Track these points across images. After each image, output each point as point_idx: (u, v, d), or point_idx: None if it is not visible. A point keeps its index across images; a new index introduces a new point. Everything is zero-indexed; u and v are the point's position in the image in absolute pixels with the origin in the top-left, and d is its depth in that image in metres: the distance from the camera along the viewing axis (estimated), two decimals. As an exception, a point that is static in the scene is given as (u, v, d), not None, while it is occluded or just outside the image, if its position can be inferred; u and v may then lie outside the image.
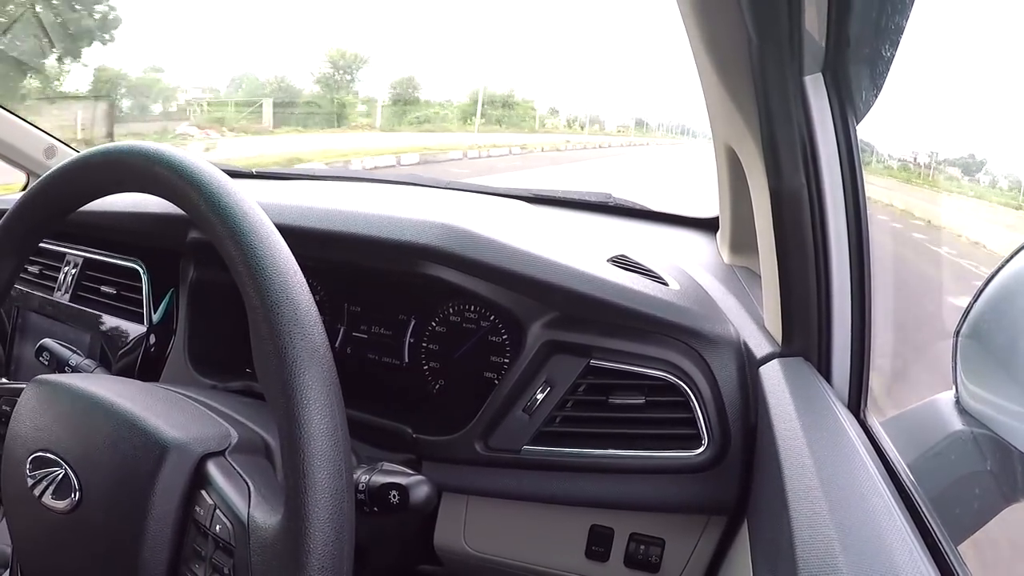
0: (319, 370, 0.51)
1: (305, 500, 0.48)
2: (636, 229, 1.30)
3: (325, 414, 0.50)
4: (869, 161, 0.80)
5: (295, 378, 0.50)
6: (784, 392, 0.67)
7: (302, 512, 0.48)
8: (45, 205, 0.69)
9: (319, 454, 0.49)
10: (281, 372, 0.50)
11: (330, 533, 0.48)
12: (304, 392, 0.49)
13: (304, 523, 0.48)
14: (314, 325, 0.52)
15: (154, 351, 1.05)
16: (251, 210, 0.56)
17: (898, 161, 1.22)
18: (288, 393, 0.49)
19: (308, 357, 0.50)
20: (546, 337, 0.80)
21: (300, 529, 0.48)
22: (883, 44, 0.66)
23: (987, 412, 0.71)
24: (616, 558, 0.82)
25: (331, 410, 0.50)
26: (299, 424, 0.49)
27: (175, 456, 0.57)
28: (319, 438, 0.49)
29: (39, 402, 0.64)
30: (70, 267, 1.18)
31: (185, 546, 0.56)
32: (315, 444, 0.49)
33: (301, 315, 0.52)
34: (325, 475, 0.49)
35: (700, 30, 0.70)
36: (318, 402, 0.50)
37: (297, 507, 0.48)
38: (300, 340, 0.51)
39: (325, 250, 0.88)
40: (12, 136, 1.47)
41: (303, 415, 0.49)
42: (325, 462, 0.49)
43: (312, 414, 0.49)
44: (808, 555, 0.45)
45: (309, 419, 0.49)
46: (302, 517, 0.48)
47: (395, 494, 0.61)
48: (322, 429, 0.49)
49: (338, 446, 0.50)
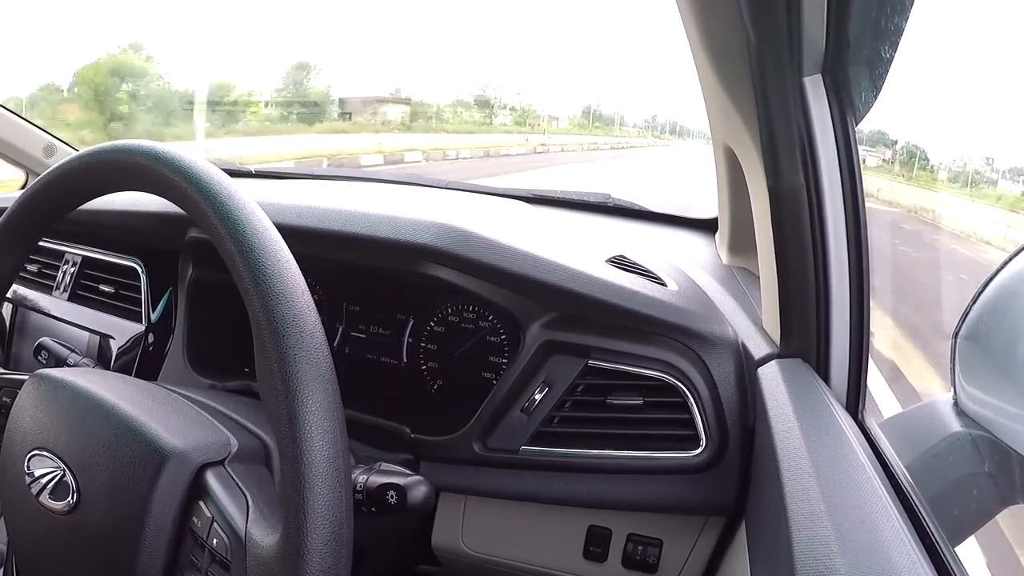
0: (323, 395, 0.50)
1: (304, 524, 0.48)
2: (635, 230, 1.30)
3: (327, 439, 0.49)
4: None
5: (299, 402, 0.49)
6: (782, 393, 0.67)
7: (301, 536, 0.47)
8: (45, 203, 0.69)
9: (320, 479, 0.48)
10: (285, 395, 0.50)
11: (328, 559, 0.48)
12: (307, 416, 0.49)
13: (302, 548, 0.47)
14: (319, 346, 0.52)
15: (152, 350, 1.05)
16: (251, 211, 0.56)
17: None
18: (291, 416, 0.49)
19: (313, 381, 0.50)
20: (544, 337, 0.80)
21: (298, 553, 0.47)
22: (882, 45, 0.66)
23: (985, 414, 0.71)
24: (614, 558, 0.82)
25: (333, 435, 0.50)
26: (301, 448, 0.48)
27: (174, 465, 0.56)
28: (321, 462, 0.49)
29: (40, 397, 0.64)
30: (69, 266, 1.18)
31: (181, 556, 0.56)
32: (316, 468, 0.48)
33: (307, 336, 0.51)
34: (325, 501, 0.48)
35: (699, 31, 0.70)
36: (321, 427, 0.49)
37: (296, 530, 0.48)
38: (306, 364, 0.50)
39: (324, 250, 0.88)
40: (11, 134, 1.47)
41: (305, 440, 0.49)
42: (326, 488, 0.48)
43: (315, 439, 0.49)
44: (806, 556, 0.45)
45: (311, 445, 0.49)
46: (301, 542, 0.47)
47: (393, 494, 0.61)
48: (324, 454, 0.49)
49: (339, 471, 0.50)
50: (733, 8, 0.60)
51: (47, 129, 1.52)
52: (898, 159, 2.48)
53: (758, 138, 0.70)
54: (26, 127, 1.49)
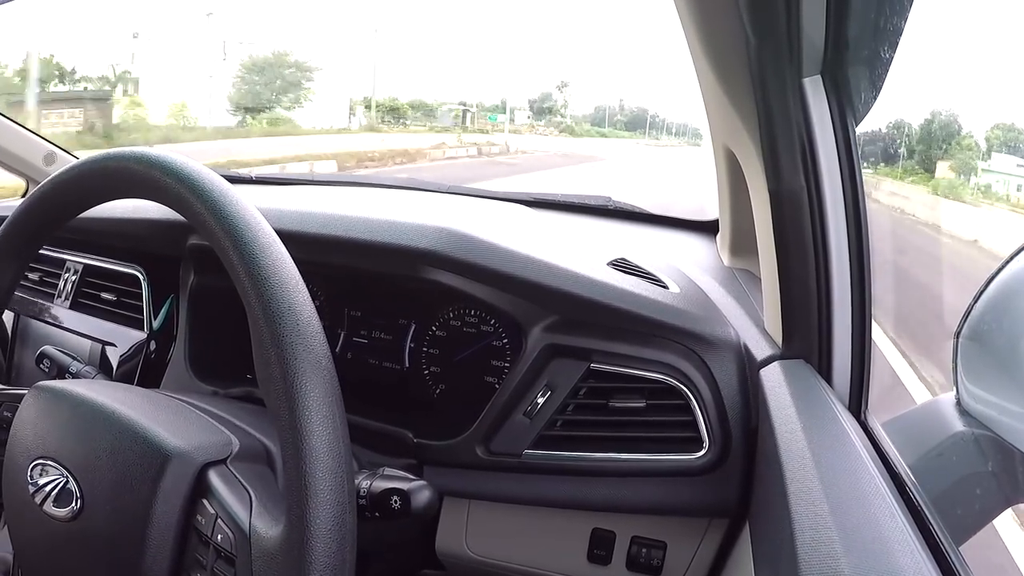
0: (321, 380, 0.51)
1: (307, 511, 0.48)
2: (636, 232, 1.30)
3: (327, 426, 0.50)
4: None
5: (297, 389, 0.50)
6: (785, 394, 0.67)
7: (304, 524, 0.48)
8: (46, 211, 0.69)
9: (321, 465, 0.49)
10: (283, 382, 0.50)
11: (332, 545, 0.48)
12: (306, 404, 0.49)
13: (306, 535, 0.47)
14: (315, 334, 0.52)
15: (154, 357, 1.05)
16: (252, 217, 0.56)
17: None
18: (291, 405, 0.49)
19: (310, 367, 0.50)
20: (546, 341, 0.80)
21: (302, 541, 0.48)
22: (882, 46, 0.66)
23: (988, 413, 0.71)
24: (618, 561, 0.82)
25: (333, 423, 0.50)
26: (301, 435, 0.49)
27: (177, 465, 0.57)
28: (321, 449, 0.49)
29: (40, 409, 0.64)
30: (70, 274, 1.18)
31: (186, 555, 0.56)
32: (317, 455, 0.49)
33: (303, 324, 0.52)
34: (327, 486, 0.48)
35: (698, 32, 0.70)
36: (320, 415, 0.50)
37: (299, 518, 0.48)
38: (303, 350, 0.51)
39: (325, 255, 0.88)
40: (11, 143, 1.47)
41: (305, 427, 0.49)
42: (327, 473, 0.49)
43: (314, 427, 0.49)
44: (810, 558, 0.45)
45: (311, 430, 0.49)
46: (304, 529, 0.48)
47: (397, 499, 0.61)
48: (324, 440, 0.49)
49: (340, 457, 0.50)
50: (732, 9, 0.60)
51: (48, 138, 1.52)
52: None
53: (758, 139, 0.70)
54: (26, 135, 1.49)
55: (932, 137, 1.44)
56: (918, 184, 1.58)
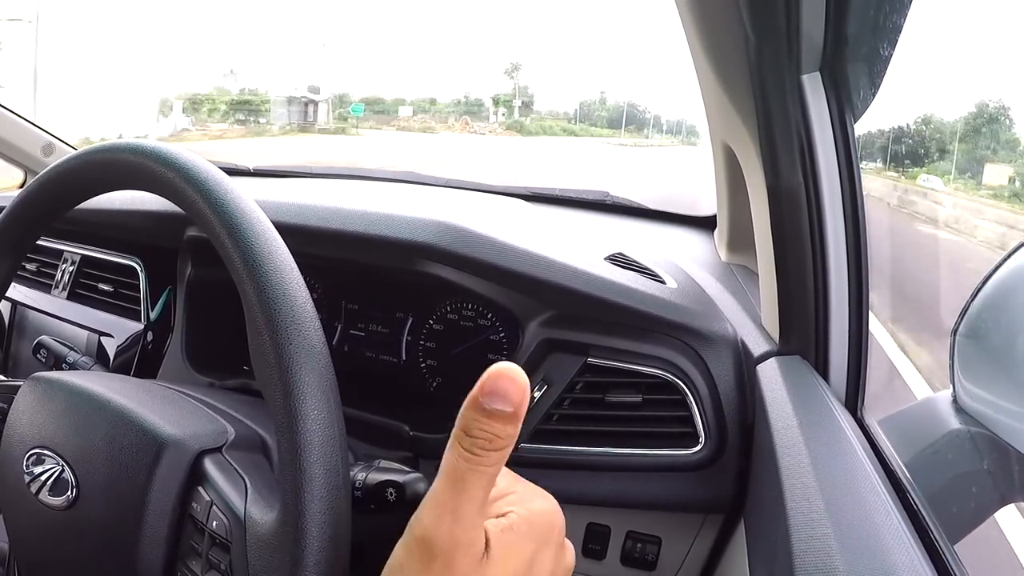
0: (316, 366, 0.51)
1: (301, 494, 0.48)
2: (633, 227, 1.30)
3: (322, 409, 0.50)
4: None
5: (292, 374, 0.50)
6: (781, 390, 0.67)
7: (298, 507, 0.48)
8: (43, 202, 0.69)
9: (315, 449, 0.49)
10: (278, 367, 0.50)
11: (327, 528, 0.48)
12: (301, 387, 0.49)
13: (300, 518, 0.48)
14: (311, 322, 0.52)
15: (151, 348, 1.05)
16: (248, 207, 0.56)
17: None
18: (285, 388, 0.49)
19: (305, 353, 0.50)
20: (543, 335, 0.80)
21: (296, 524, 0.48)
22: (881, 43, 0.66)
23: (984, 411, 0.71)
24: (613, 556, 0.82)
25: (327, 405, 0.50)
26: (295, 418, 0.49)
27: (172, 453, 0.57)
28: (315, 432, 0.49)
29: (36, 399, 0.64)
30: (67, 264, 1.18)
31: (182, 542, 0.56)
32: (311, 438, 0.49)
33: (298, 312, 0.52)
34: (321, 470, 0.49)
35: (697, 28, 0.70)
36: (314, 397, 0.50)
37: (293, 502, 0.48)
38: (297, 337, 0.51)
39: (322, 247, 0.88)
40: (10, 133, 1.47)
41: (299, 410, 0.49)
42: (321, 457, 0.49)
43: (308, 409, 0.49)
44: (805, 554, 0.46)
45: (305, 414, 0.49)
46: (298, 512, 0.48)
47: (392, 491, 0.61)
48: (319, 424, 0.49)
49: (334, 441, 0.50)
50: (731, 6, 0.60)
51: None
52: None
53: (756, 136, 0.70)
54: (25, 126, 1.48)
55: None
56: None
